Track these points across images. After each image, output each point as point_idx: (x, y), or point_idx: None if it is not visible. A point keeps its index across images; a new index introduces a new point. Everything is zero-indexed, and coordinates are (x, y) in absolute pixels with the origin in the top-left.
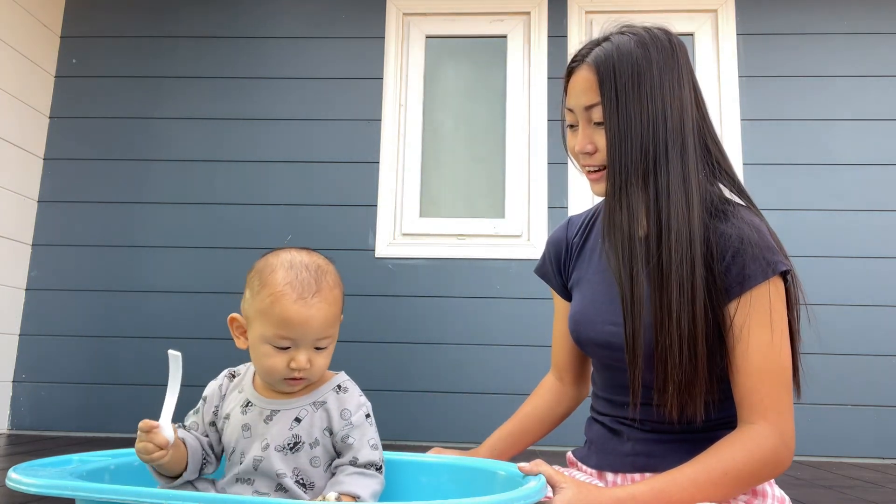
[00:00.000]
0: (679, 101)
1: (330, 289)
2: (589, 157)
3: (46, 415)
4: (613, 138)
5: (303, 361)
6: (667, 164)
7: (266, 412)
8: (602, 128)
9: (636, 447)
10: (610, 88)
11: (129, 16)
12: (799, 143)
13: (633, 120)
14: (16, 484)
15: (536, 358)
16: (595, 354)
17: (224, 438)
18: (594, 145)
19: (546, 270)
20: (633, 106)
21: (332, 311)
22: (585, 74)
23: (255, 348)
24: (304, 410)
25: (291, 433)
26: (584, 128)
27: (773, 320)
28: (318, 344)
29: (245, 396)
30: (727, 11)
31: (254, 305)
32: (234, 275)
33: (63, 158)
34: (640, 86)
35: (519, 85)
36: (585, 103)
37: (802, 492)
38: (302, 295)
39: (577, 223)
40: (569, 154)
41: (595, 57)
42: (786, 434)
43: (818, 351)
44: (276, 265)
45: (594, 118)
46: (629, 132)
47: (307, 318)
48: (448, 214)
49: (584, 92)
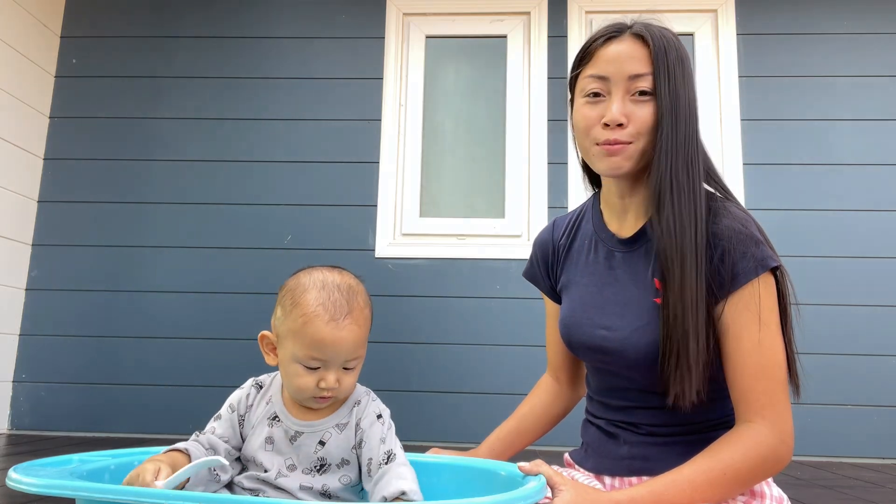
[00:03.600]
0: (696, 101)
1: (360, 310)
2: (619, 130)
3: (46, 415)
4: (665, 112)
5: (332, 381)
6: (697, 153)
7: (291, 432)
8: (643, 101)
9: (632, 450)
10: (665, 62)
11: (129, 16)
12: (799, 143)
13: (681, 100)
14: (16, 484)
15: (536, 358)
16: (587, 358)
17: (247, 446)
18: (628, 118)
19: (534, 273)
20: (682, 87)
21: (363, 332)
22: (633, 43)
23: (286, 367)
24: (327, 433)
25: (317, 456)
26: (621, 97)
27: (764, 317)
28: (348, 364)
29: (273, 409)
30: (727, 11)
31: (285, 324)
32: (234, 275)
33: (63, 158)
34: (685, 69)
35: (519, 85)
36: (633, 71)
37: (802, 492)
38: (334, 316)
39: (562, 224)
40: (573, 128)
41: (646, 28)
42: (784, 431)
43: (818, 351)
44: (309, 285)
45: (640, 87)
46: (678, 110)
47: (338, 339)
48: (448, 214)
49: (632, 59)
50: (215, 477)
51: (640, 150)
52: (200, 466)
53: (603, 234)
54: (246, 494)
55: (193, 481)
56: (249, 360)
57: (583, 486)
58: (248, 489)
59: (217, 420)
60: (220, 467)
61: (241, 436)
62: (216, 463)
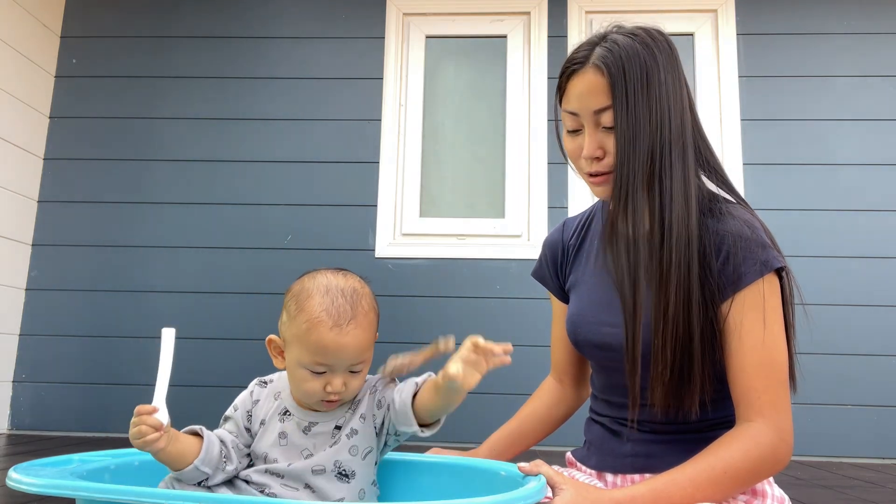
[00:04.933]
0: (680, 102)
1: (365, 314)
2: (598, 163)
3: (46, 415)
4: (624, 143)
5: (338, 385)
6: (671, 167)
7: (304, 423)
8: (612, 132)
9: (635, 448)
10: (621, 91)
11: (129, 16)
12: (799, 143)
13: (641, 123)
14: (16, 484)
15: (536, 358)
16: (593, 356)
17: (258, 443)
18: (603, 150)
19: (543, 274)
20: (643, 109)
21: (367, 336)
22: (592, 77)
23: (293, 371)
24: (342, 418)
25: (333, 438)
26: (592, 132)
27: (768, 318)
28: (354, 368)
29: (283, 405)
30: (727, 11)
31: (290, 330)
32: (234, 275)
33: (63, 158)
34: (650, 88)
35: (519, 85)
36: (595, 107)
37: (802, 492)
38: (338, 322)
39: (572, 225)
40: (567, 158)
41: (602, 58)
42: (784, 431)
43: (818, 351)
44: (313, 290)
45: (604, 122)
46: (638, 136)
47: (342, 345)
48: (448, 214)
49: (592, 94)
50: (223, 466)
51: None
52: (167, 359)
53: None
54: (253, 488)
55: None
56: (249, 360)
57: (583, 486)
58: (256, 483)
59: (226, 421)
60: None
61: (250, 432)
62: (170, 335)
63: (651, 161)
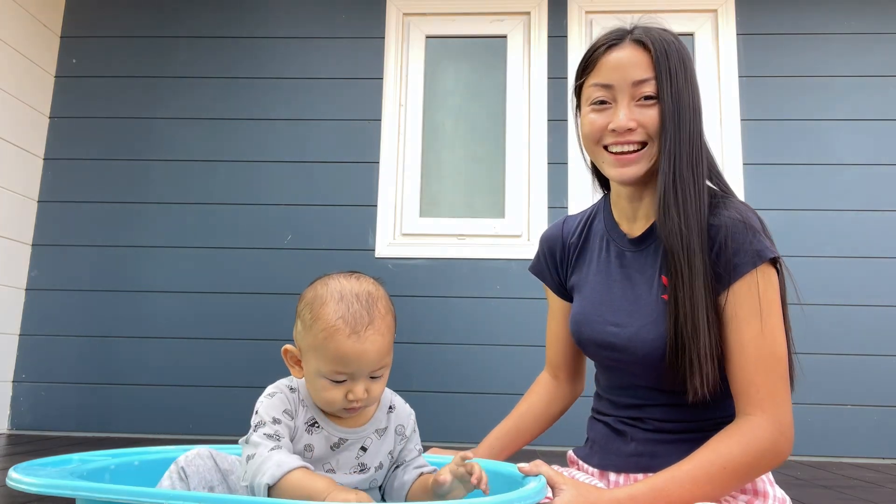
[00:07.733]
0: (700, 97)
1: (382, 317)
2: (630, 134)
3: (46, 415)
4: (668, 115)
5: (360, 393)
6: (702, 153)
7: (333, 439)
8: (648, 105)
9: (640, 447)
10: (665, 67)
11: (129, 16)
12: (799, 143)
13: (684, 100)
14: (16, 484)
15: (536, 358)
16: (596, 355)
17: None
18: (637, 122)
19: (541, 268)
20: (684, 87)
21: (387, 340)
22: (633, 50)
23: (312, 382)
24: (369, 440)
25: (358, 462)
26: (627, 104)
27: (764, 309)
28: (375, 374)
29: (311, 415)
30: (727, 11)
31: (306, 340)
32: (233, 275)
33: (63, 158)
34: (687, 72)
35: (519, 85)
36: (636, 77)
37: (802, 492)
38: (355, 329)
39: (572, 224)
40: (581, 138)
41: (646, 34)
42: (783, 424)
43: (818, 351)
44: (326, 296)
45: (644, 91)
46: (682, 112)
47: (362, 352)
48: (448, 214)
49: (634, 66)
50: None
51: (653, 152)
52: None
53: (614, 234)
54: None
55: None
56: (249, 360)
57: (583, 485)
58: None
59: (278, 424)
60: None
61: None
62: None
63: (692, 141)
